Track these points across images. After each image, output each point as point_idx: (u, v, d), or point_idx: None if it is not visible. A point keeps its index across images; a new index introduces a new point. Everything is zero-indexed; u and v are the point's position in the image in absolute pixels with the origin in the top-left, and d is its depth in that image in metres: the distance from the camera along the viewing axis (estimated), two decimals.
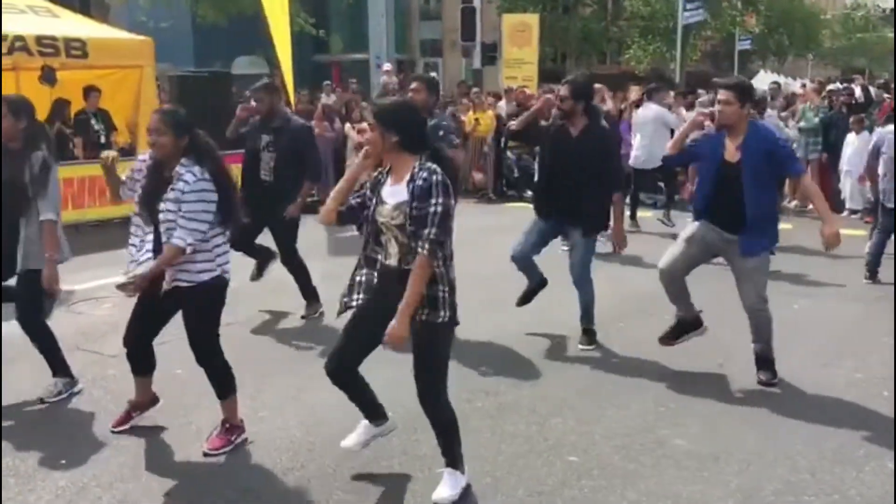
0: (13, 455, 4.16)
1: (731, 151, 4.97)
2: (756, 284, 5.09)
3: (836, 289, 7.59)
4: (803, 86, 19.01)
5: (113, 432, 4.40)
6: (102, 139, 11.17)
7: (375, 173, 3.72)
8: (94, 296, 6.96)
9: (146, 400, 4.54)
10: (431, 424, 3.77)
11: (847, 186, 11.95)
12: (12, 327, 6.03)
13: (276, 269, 6.81)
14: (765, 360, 5.22)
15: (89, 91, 11.07)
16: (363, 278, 3.75)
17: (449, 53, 34.49)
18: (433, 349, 3.65)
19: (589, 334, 5.84)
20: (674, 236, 9.44)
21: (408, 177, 3.51)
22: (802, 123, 12.81)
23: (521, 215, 5.60)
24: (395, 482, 3.95)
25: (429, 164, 3.51)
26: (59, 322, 5.19)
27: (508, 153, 13.84)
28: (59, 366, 4.95)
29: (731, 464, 4.10)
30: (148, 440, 4.36)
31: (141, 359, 4.39)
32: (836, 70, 41.97)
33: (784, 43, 41.89)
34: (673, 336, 5.45)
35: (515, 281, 6.12)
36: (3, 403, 4.71)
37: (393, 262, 3.61)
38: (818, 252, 8.94)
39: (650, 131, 10.30)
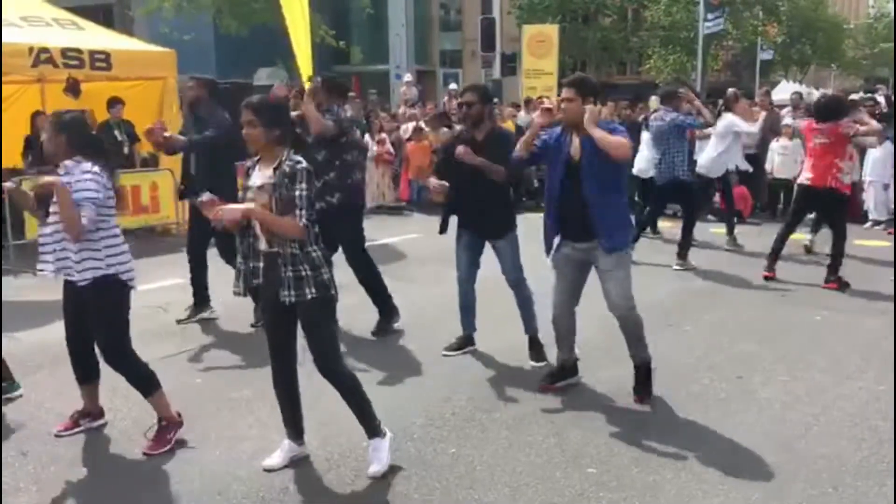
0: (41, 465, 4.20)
1: (576, 148, 4.83)
2: (620, 284, 4.88)
3: (858, 300, 7.51)
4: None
5: (58, 436, 4.47)
6: (126, 149, 11.30)
7: (249, 163, 4.01)
8: None
9: (95, 409, 4.64)
10: (340, 394, 4.04)
11: (870, 197, 11.84)
12: (36, 336, 6.12)
13: None
14: (647, 372, 5.06)
15: (113, 102, 11.20)
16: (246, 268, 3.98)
17: (468, 64, 34.62)
18: (315, 324, 3.92)
19: (535, 347, 5.77)
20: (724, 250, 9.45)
21: (276, 164, 3.85)
22: None
23: (538, 224, 5.54)
24: (412, 491, 3.93)
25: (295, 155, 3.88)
26: None
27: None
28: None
29: (752, 477, 4.05)
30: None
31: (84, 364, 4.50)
32: (860, 80, 41.65)
33: (806, 53, 41.66)
34: (554, 380, 5.24)
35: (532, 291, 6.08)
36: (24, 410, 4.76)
37: (263, 245, 3.90)
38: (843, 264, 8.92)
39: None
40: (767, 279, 8.08)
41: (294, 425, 4.19)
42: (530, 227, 5.95)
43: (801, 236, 9.22)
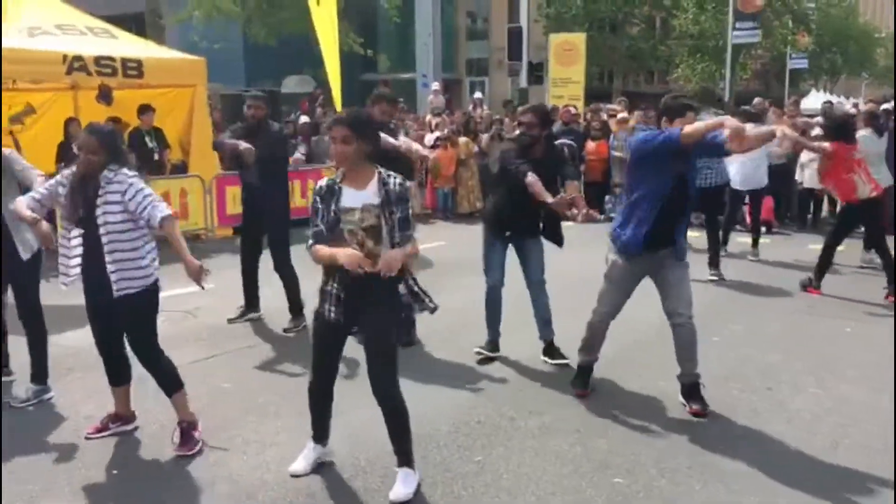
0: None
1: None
2: (687, 291, 4.92)
3: (887, 311, 7.40)
4: (855, 105, 18.68)
5: (88, 438, 4.52)
6: (156, 156, 11.45)
7: (325, 183, 3.84)
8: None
9: (126, 412, 4.70)
10: (392, 422, 3.89)
11: None
12: (67, 340, 6.20)
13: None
14: (697, 384, 5.01)
15: (144, 109, 11.36)
16: (333, 290, 3.82)
17: (495, 72, 34.67)
18: (392, 346, 3.88)
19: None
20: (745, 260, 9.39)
21: (374, 183, 3.74)
22: None
23: (568, 234, 5.58)
24: (437, 498, 3.93)
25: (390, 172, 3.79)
26: None
27: (564, 161, 13.81)
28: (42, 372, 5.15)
29: (782, 489, 4.01)
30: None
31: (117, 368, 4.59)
32: (892, 89, 41.12)
33: (837, 62, 41.26)
34: (586, 385, 5.28)
35: (558, 298, 6.07)
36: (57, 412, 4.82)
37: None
38: (870, 273, 8.81)
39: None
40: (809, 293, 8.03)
41: (322, 429, 4.19)
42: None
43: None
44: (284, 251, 6.75)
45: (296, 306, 6.74)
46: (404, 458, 3.93)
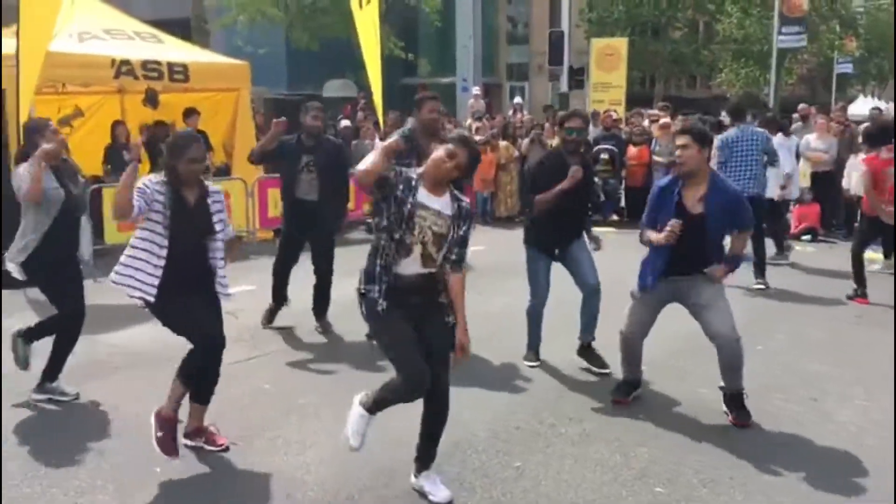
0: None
1: (694, 202, 4.79)
2: (724, 313, 4.89)
3: None
4: None
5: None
6: None
7: (404, 171, 3.80)
8: None
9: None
10: (437, 422, 3.89)
11: None
12: (114, 339, 6.31)
13: (334, 292, 6.89)
14: (740, 399, 4.93)
15: (189, 113, 11.50)
16: (385, 284, 3.78)
17: (536, 77, 34.57)
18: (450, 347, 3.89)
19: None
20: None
21: (448, 195, 3.82)
22: None
23: (608, 238, 5.52)
24: (476, 503, 3.92)
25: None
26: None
27: (595, 178, 13.74)
28: (56, 370, 5.17)
29: (827, 501, 3.93)
30: (234, 451, 4.45)
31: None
32: None
33: (885, 67, 40.36)
34: (626, 394, 5.23)
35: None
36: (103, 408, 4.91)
37: (413, 268, 3.76)
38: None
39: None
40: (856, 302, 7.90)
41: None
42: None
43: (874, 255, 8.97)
44: (332, 260, 6.83)
45: (321, 309, 6.86)
46: (431, 461, 3.98)
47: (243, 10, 22.69)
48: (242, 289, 7.86)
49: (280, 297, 7.02)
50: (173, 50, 11.36)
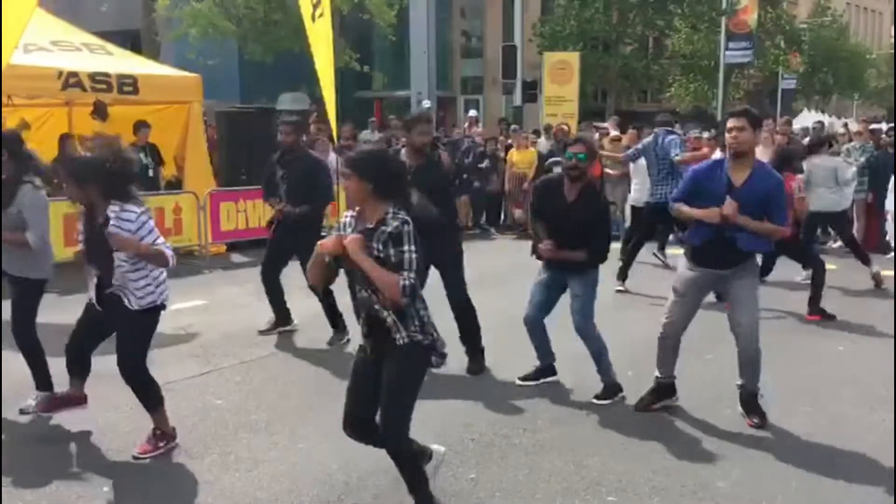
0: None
1: (738, 183, 4.92)
2: (755, 309, 5.05)
3: (880, 330, 7.42)
4: (845, 125, 18.81)
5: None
6: (150, 173, 11.43)
7: (344, 217, 3.75)
8: None
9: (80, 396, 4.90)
10: (396, 462, 3.76)
11: (893, 228, 11.73)
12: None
13: (318, 305, 6.85)
14: (755, 399, 5.14)
15: (139, 126, 11.35)
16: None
17: (490, 91, 34.74)
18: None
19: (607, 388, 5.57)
20: None
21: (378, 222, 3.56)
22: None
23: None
24: None
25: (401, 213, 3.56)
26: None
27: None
28: (42, 380, 5.10)
29: None
30: (185, 467, 4.40)
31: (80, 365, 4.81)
32: (882, 110, 41.47)
33: (828, 82, 41.54)
34: (652, 401, 5.31)
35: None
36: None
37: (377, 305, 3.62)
38: (862, 293, 8.84)
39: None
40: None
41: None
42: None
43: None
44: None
45: (335, 320, 6.85)
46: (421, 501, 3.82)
47: (194, 22, 22.45)
48: (193, 304, 7.78)
49: (279, 309, 7.08)
50: (123, 62, 11.20)
